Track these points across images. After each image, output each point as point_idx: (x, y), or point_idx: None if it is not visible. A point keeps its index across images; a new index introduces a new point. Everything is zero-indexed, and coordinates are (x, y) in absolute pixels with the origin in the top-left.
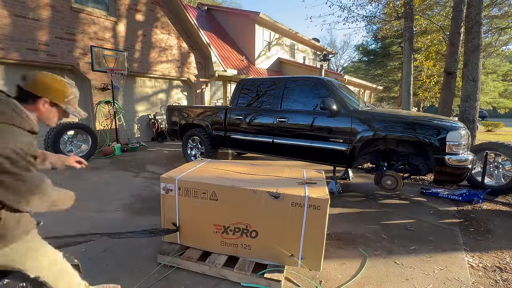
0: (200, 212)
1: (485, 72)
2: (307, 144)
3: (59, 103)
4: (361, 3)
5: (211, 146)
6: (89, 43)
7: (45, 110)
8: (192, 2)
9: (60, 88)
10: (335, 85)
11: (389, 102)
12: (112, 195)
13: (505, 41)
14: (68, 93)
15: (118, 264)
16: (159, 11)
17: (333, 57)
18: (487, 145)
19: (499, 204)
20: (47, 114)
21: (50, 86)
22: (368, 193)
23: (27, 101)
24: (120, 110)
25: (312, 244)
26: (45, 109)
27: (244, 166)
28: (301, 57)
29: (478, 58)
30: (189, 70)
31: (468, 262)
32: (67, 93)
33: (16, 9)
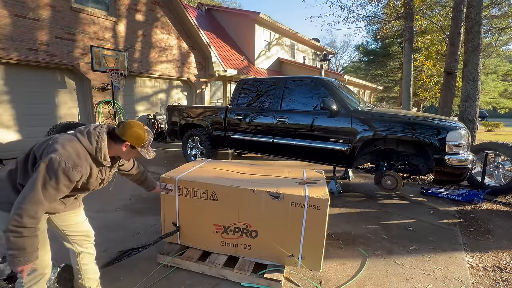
0: (200, 212)
1: (485, 72)
2: (307, 144)
3: (136, 146)
4: (361, 3)
5: (211, 146)
6: (89, 43)
7: (125, 150)
8: (192, 2)
9: (140, 139)
10: (335, 85)
11: (389, 102)
12: (112, 195)
13: (505, 41)
14: (145, 140)
15: (118, 264)
16: (159, 11)
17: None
18: (487, 145)
19: (499, 204)
20: (127, 153)
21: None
22: (368, 193)
23: (116, 141)
24: (120, 110)
25: (312, 244)
26: (125, 148)
27: (244, 166)
28: (301, 57)
29: (478, 58)
30: (189, 70)
31: (468, 262)
32: (145, 140)
33: (16, 9)
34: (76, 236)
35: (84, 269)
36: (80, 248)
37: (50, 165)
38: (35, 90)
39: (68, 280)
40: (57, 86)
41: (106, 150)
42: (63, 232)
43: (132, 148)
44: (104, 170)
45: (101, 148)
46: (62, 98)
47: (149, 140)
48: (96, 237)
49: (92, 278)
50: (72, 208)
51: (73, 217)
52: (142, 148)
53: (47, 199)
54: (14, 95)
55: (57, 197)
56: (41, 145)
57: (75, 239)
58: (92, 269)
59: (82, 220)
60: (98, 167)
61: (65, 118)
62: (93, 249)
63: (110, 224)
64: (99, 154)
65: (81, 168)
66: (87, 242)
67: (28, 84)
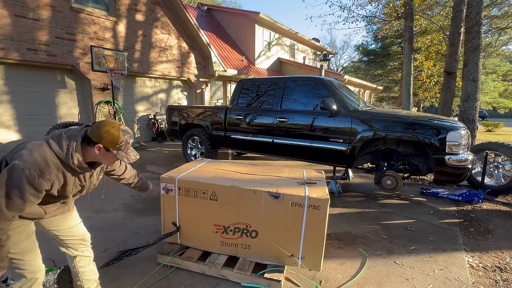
0: (200, 212)
1: (485, 72)
2: (307, 144)
3: (111, 149)
4: (361, 3)
5: (211, 146)
6: (89, 43)
7: (100, 154)
8: (192, 2)
9: (113, 140)
10: (335, 85)
11: (389, 102)
12: (112, 195)
13: (505, 41)
14: (119, 141)
15: (118, 264)
16: (159, 11)
17: (333, 57)
18: (487, 145)
19: (499, 204)
20: (102, 157)
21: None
22: (368, 193)
23: (90, 143)
24: (120, 110)
25: (312, 244)
26: (99, 152)
27: (244, 166)
28: (301, 57)
29: (478, 58)
30: (189, 70)
31: (468, 262)
32: (119, 142)
33: (16, 9)
34: (70, 240)
35: (82, 272)
36: (76, 251)
37: (13, 173)
38: (35, 90)
39: (68, 281)
40: (57, 86)
41: (79, 155)
42: (57, 236)
43: (106, 150)
44: (83, 176)
45: (73, 153)
46: (62, 98)
47: (126, 141)
48: (96, 237)
49: (90, 279)
50: (60, 212)
51: (64, 222)
52: (118, 150)
53: (12, 208)
54: (14, 95)
55: (24, 206)
56: (13, 150)
57: (69, 243)
58: (90, 271)
59: (75, 224)
60: (74, 174)
61: (65, 118)
62: (90, 251)
63: (110, 224)
64: (71, 160)
65: (49, 176)
66: (82, 245)
67: (28, 84)
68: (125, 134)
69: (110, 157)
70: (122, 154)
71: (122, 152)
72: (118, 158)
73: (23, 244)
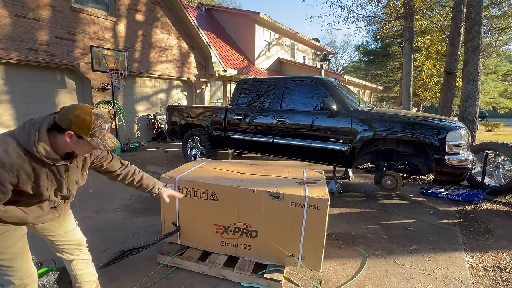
0: (200, 212)
1: (485, 72)
2: (307, 144)
3: (83, 135)
4: (361, 3)
5: (211, 146)
6: (89, 43)
7: (71, 142)
8: (192, 2)
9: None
10: (335, 85)
11: (389, 102)
12: (112, 195)
13: (505, 41)
14: (92, 127)
15: (118, 264)
16: (159, 11)
17: (333, 57)
18: (487, 145)
19: (499, 204)
20: (75, 146)
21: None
22: (368, 193)
23: (59, 131)
24: (120, 110)
25: (312, 244)
26: (71, 140)
27: (244, 166)
28: (301, 57)
29: (478, 58)
30: (189, 70)
31: (468, 262)
32: (91, 127)
33: (16, 9)
34: (65, 245)
35: (80, 274)
36: (72, 256)
37: None
38: (35, 90)
39: (68, 282)
40: (57, 86)
41: (45, 144)
42: (52, 242)
43: (78, 138)
44: (57, 170)
45: (36, 142)
46: (62, 98)
47: (100, 126)
48: (96, 237)
49: (89, 281)
50: (50, 219)
51: (58, 227)
52: (92, 137)
53: None
54: (14, 95)
55: None
56: None
57: (65, 248)
58: (88, 273)
59: (70, 229)
60: (45, 167)
61: None
62: (87, 254)
63: (110, 224)
64: (35, 149)
65: (11, 167)
66: (78, 250)
67: (28, 84)
68: (98, 118)
69: (84, 146)
70: (97, 141)
71: (97, 139)
72: (93, 146)
73: (12, 250)
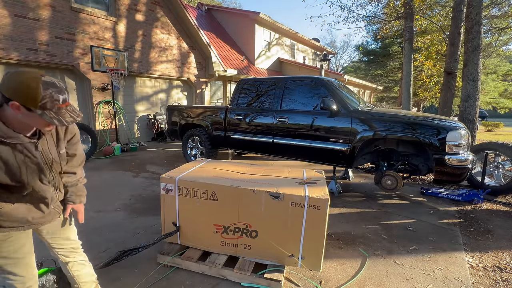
0: (200, 212)
1: (485, 72)
2: (307, 144)
3: (32, 107)
4: (361, 3)
5: (211, 146)
6: (89, 43)
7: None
8: (192, 2)
9: (29, 92)
10: (335, 85)
11: (389, 102)
12: (112, 195)
13: (505, 41)
14: (40, 97)
15: (118, 264)
16: (159, 11)
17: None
18: (487, 145)
19: (499, 204)
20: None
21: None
22: (368, 193)
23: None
24: (120, 110)
25: (312, 244)
26: (20, 113)
27: (244, 166)
28: (301, 57)
29: (478, 58)
30: (189, 70)
31: (468, 262)
32: (39, 97)
33: (16, 9)
34: (61, 248)
35: (77, 275)
36: (67, 258)
37: None
38: None
39: (67, 283)
40: None
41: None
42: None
43: (28, 110)
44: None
45: None
46: None
47: (51, 96)
48: (96, 237)
49: (88, 282)
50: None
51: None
52: (43, 110)
53: None
54: None
55: None
56: None
57: (60, 251)
58: (85, 274)
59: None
60: (6, 145)
61: None
62: (82, 255)
63: (110, 224)
64: None
65: None
66: (73, 252)
67: None
68: (48, 87)
69: (37, 120)
70: (51, 115)
71: (50, 112)
72: (46, 121)
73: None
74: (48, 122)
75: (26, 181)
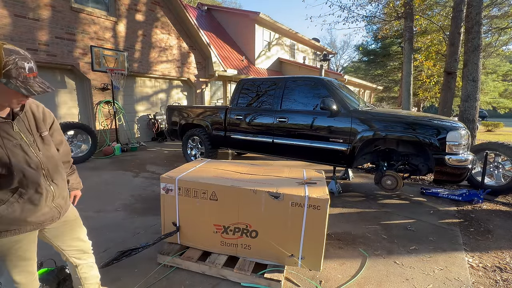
0: (200, 212)
1: (485, 72)
2: (307, 144)
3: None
4: (361, 3)
5: (211, 146)
6: (89, 43)
7: None
8: (192, 2)
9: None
10: (335, 85)
11: (389, 102)
12: (112, 195)
13: (505, 41)
14: (2, 62)
15: (118, 264)
16: (159, 11)
17: (333, 57)
18: (487, 145)
19: (499, 204)
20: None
21: None
22: (368, 193)
23: None
24: (120, 110)
25: (312, 244)
26: None
27: (244, 166)
28: (301, 57)
29: (478, 58)
30: (189, 70)
31: (468, 262)
32: (2, 62)
33: (16, 9)
34: (73, 251)
35: (84, 278)
36: (79, 261)
37: None
38: None
39: (67, 280)
40: (57, 86)
41: None
42: (58, 247)
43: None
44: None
45: None
46: (62, 98)
47: (16, 64)
48: (96, 237)
49: (92, 283)
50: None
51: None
52: (8, 78)
53: None
54: None
55: None
56: None
57: (72, 254)
58: (92, 276)
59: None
60: None
61: (65, 118)
62: (92, 257)
63: (110, 224)
64: None
65: None
66: (85, 254)
67: None
68: (11, 53)
69: (3, 92)
70: (17, 84)
71: (17, 81)
72: (13, 89)
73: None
74: (16, 93)
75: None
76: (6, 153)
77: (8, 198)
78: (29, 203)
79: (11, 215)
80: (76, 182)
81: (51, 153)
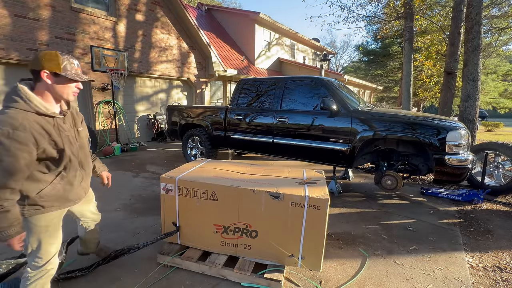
0: (200, 212)
1: (485, 72)
2: (307, 144)
3: (57, 71)
4: (361, 3)
5: (211, 146)
6: (89, 43)
7: (51, 82)
8: (192, 2)
9: (51, 57)
10: (335, 85)
11: (389, 102)
12: (112, 195)
13: (505, 41)
14: (60, 60)
15: (118, 264)
16: (159, 11)
17: (333, 57)
18: (487, 145)
19: (499, 204)
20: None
21: (43, 58)
22: (368, 193)
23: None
24: (120, 110)
25: (312, 244)
26: (51, 80)
27: (244, 166)
28: (301, 57)
29: (478, 58)
30: (189, 70)
31: (468, 262)
32: (60, 60)
33: (16, 9)
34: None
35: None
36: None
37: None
38: None
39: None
40: None
41: (34, 96)
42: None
43: (55, 76)
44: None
45: (27, 97)
46: None
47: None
48: None
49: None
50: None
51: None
52: (66, 71)
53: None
54: None
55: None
56: None
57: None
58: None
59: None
60: (49, 123)
61: None
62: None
63: (110, 224)
64: (31, 104)
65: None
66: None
67: None
68: (63, 54)
69: (63, 82)
70: (72, 73)
71: (71, 72)
72: (71, 78)
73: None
74: (74, 81)
75: (65, 150)
76: (62, 141)
77: (53, 179)
78: (68, 184)
79: (56, 194)
80: (101, 165)
81: (84, 144)
